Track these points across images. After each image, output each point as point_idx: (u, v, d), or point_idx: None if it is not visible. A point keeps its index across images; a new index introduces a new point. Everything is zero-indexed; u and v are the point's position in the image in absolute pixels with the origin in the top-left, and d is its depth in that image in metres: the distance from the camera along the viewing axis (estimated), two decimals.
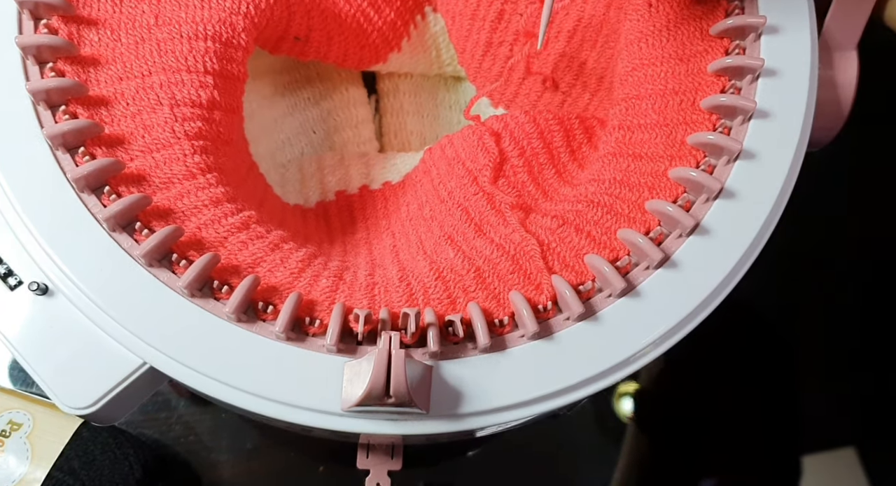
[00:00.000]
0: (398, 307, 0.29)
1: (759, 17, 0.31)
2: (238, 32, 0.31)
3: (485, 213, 0.33)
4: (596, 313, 0.28)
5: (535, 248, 0.30)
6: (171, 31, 0.30)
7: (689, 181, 0.30)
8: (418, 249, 0.34)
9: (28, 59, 0.28)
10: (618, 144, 0.32)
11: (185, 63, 0.30)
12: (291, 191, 0.46)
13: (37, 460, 0.39)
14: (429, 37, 0.48)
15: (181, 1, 0.31)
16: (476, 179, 0.35)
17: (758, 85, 0.31)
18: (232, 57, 0.31)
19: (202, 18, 0.30)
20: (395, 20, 0.44)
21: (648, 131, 0.32)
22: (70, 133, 0.27)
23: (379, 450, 0.31)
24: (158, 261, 0.28)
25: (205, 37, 0.30)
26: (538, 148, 0.36)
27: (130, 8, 0.30)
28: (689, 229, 0.29)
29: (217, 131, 0.31)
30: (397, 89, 0.51)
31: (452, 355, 0.28)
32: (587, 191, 0.32)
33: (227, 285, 0.28)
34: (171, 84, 0.29)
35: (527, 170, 0.35)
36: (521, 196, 0.34)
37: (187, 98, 0.29)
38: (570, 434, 0.49)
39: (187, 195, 0.29)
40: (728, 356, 0.52)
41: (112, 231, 0.28)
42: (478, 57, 0.44)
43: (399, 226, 0.39)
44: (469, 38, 0.44)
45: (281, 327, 0.26)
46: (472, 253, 0.31)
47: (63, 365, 0.27)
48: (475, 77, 0.46)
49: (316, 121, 0.49)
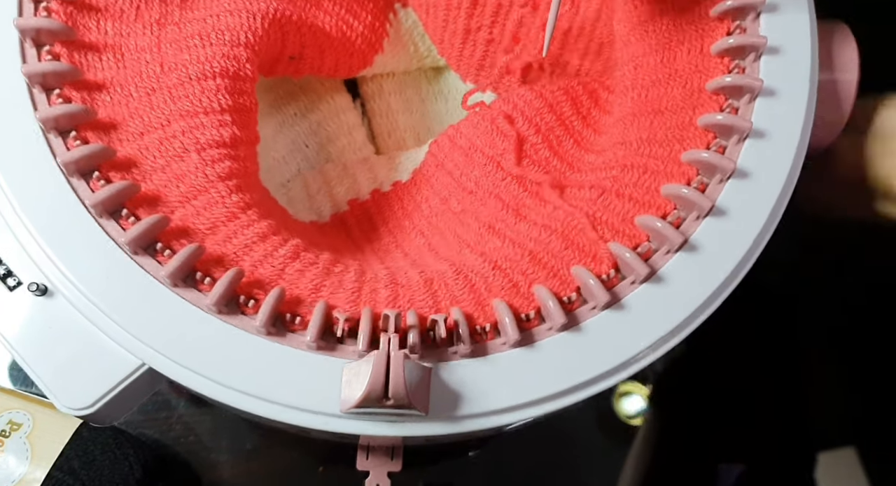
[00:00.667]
0: (461, 302, 0.29)
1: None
2: (243, 64, 0.31)
3: (519, 196, 0.33)
4: (657, 271, 0.29)
5: (583, 220, 0.30)
6: (179, 75, 0.29)
7: (718, 125, 0.30)
8: (459, 243, 0.34)
9: (50, 133, 0.27)
10: (635, 103, 0.32)
11: (201, 105, 0.29)
12: (301, 209, 0.46)
13: (37, 460, 0.39)
14: (404, 33, 0.48)
15: (182, 44, 0.30)
16: (500, 165, 0.35)
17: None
18: (242, 89, 0.31)
19: (206, 57, 0.30)
20: (372, 22, 0.44)
21: (663, 86, 0.32)
22: (108, 200, 0.27)
23: (379, 451, 0.31)
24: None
25: (213, 75, 0.30)
26: (552, 121, 0.36)
27: (134, 61, 0.29)
28: (728, 174, 0.30)
29: (244, 166, 0.31)
30: (382, 90, 0.50)
31: (451, 357, 0.28)
32: (617, 155, 0.32)
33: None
34: (193, 129, 0.29)
35: (547, 145, 0.35)
36: (549, 172, 0.34)
37: (211, 140, 0.29)
38: (570, 434, 0.49)
39: (235, 236, 0.28)
40: (743, 341, 0.52)
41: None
42: (457, 45, 0.44)
43: (426, 224, 0.39)
44: (446, 27, 0.44)
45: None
46: (519, 238, 0.31)
47: (62, 366, 0.27)
48: (458, 65, 0.46)
49: (307, 134, 0.49)
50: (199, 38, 0.30)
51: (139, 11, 0.30)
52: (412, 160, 0.46)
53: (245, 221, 0.29)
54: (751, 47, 0.31)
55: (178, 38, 0.30)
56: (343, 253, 0.38)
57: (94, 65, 0.29)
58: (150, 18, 0.31)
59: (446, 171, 0.40)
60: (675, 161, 0.30)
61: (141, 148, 0.28)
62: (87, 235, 0.27)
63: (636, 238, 0.30)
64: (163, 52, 0.30)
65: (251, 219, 0.29)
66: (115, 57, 0.29)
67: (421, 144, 0.49)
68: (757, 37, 0.31)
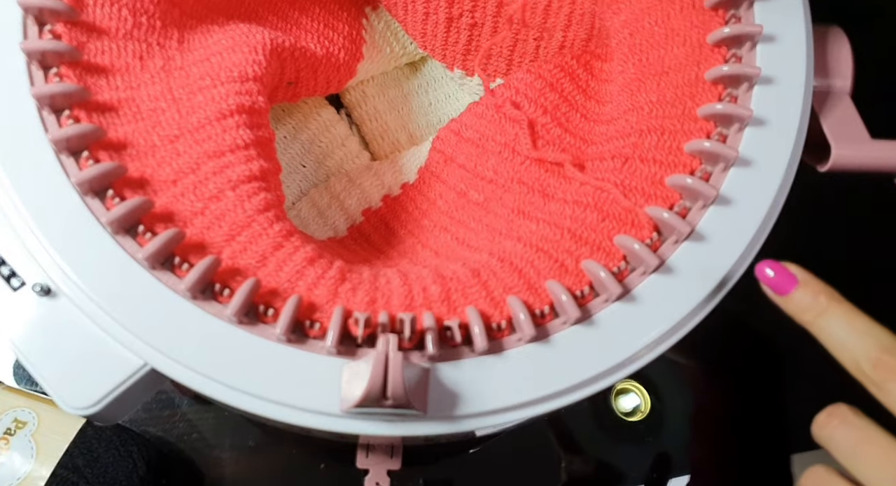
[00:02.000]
0: (515, 290, 0.30)
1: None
2: (255, 97, 0.31)
3: (542, 177, 0.34)
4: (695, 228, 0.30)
5: (614, 189, 0.31)
6: (199, 118, 0.30)
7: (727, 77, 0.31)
8: (491, 232, 0.35)
9: (87, 196, 0.27)
10: (638, 67, 0.33)
11: (226, 143, 0.30)
12: (315, 228, 0.46)
13: (42, 457, 0.40)
14: (378, 35, 0.48)
15: (193, 87, 0.30)
16: (515, 150, 0.35)
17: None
18: (259, 123, 0.31)
19: (221, 96, 0.30)
20: (350, 32, 0.44)
21: (663, 46, 0.32)
22: (159, 251, 0.27)
23: (378, 450, 0.31)
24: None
25: (230, 112, 0.30)
26: (556, 100, 0.36)
27: (151, 111, 0.29)
28: (746, 121, 0.30)
29: (277, 195, 0.31)
30: (365, 95, 0.51)
31: (450, 357, 0.28)
32: (630, 121, 0.32)
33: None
34: (223, 168, 0.29)
35: (557, 124, 0.36)
36: (566, 150, 0.35)
37: (243, 175, 0.29)
38: (569, 432, 0.50)
39: (285, 264, 0.29)
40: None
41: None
42: (441, 35, 0.45)
43: (447, 219, 0.40)
44: (427, 20, 0.44)
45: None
46: (552, 218, 0.32)
47: (65, 366, 0.27)
48: (443, 55, 0.46)
49: (302, 155, 0.49)
50: (210, 78, 0.30)
51: (143, 62, 0.30)
52: (415, 160, 0.46)
53: (290, 248, 0.29)
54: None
55: (188, 82, 0.31)
56: (373, 263, 0.38)
57: (112, 122, 0.29)
58: (155, 67, 0.31)
59: (457, 164, 0.40)
60: (691, 118, 0.31)
61: (176, 195, 0.29)
62: (77, 218, 0.27)
63: (669, 199, 0.30)
64: (177, 97, 0.30)
65: (295, 245, 0.29)
66: (132, 110, 0.29)
67: (414, 141, 0.50)
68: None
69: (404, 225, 0.43)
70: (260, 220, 0.29)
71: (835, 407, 0.24)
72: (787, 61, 0.31)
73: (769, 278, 0.26)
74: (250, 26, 0.34)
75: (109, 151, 0.28)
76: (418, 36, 0.46)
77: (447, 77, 0.51)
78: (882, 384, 0.22)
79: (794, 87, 0.31)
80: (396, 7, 0.45)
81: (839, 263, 0.55)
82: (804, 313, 0.25)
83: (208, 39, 0.33)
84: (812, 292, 0.25)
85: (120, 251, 0.27)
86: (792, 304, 0.25)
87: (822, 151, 0.34)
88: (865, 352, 0.23)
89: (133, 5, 0.31)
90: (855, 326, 0.24)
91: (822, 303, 0.25)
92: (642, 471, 0.49)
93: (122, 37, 0.30)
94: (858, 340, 0.23)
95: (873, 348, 0.23)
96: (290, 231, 0.30)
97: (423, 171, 0.45)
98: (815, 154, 0.34)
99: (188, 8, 0.33)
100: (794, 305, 0.25)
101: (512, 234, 0.33)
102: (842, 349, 0.24)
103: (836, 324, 0.24)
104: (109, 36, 0.30)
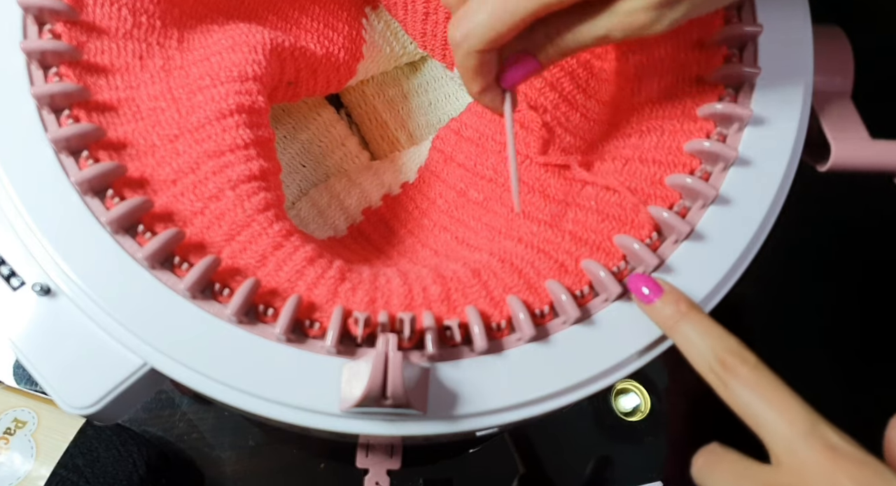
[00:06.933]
0: (515, 290, 0.30)
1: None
2: (255, 96, 0.31)
3: (542, 178, 0.34)
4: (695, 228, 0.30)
5: (624, 190, 0.31)
6: (198, 117, 0.30)
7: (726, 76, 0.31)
8: (491, 231, 0.35)
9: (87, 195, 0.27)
10: (637, 68, 0.33)
11: (225, 143, 0.30)
12: (315, 228, 0.46)
13: (42, 457, 0.40)
14: (378, 35, 0.48)
15: (193, 86, 0.30)
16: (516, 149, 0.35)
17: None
18: (259, 122, 0.31)
19: (220, 95, 0.30)
20: (350, 32, 0.44)
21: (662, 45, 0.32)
22: (158, 251, 0.27)
23: (378, 449, 0.31)
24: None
25: (230, 112, 0.30)
26: (556, 99, 0.36)
27: (150, 111, 0.29)
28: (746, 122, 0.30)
29: (277, 195, 0.31)
30: (365, 95, 0.51)
31: (450, 357, 0.28)
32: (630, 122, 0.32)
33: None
34: (223, 167, 0.29)
35: (558, 124, 0.36)
36: (566, 150, 0.35)
37: (242, 175, 0.29)
38: (569, 432, 0.50)
39: (284, 264, 0.29)
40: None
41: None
42: (441, 35, 0.45)
43: (447, 218, 0.40)
44: (427, 20, 0.44)
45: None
46: (553, 221, 0.32)
47: (65, 365, 0.27)
48: (443, 55, 0.46)
49: (301, 155, 0.49)
50: (210, 78, 0.30)
51: (143, 62, 0.30)
52: (415, 159, 0.46)
53: (290, 248, 0.29)
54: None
55: (188, 82, 0.31)
56: (372, 262, 0.38)
57: (112, 122, 0.29)
58: (154, 66, 0.31)
59: (457, 163, 0.40)
60: (691, 118, 0.31)
61: (176, 195, 0.29)
62: (76, 218, 0.27)
63: (669, 198, 0.30)
64: (176, 97, 0.30)
65: (295, 245, 0.29)
66: (132, 110, 0.29)
67: (414, 141, 0.50)
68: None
69: (404, 224, 0.43)
70: (260, 219, 0.29)
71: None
72: (787, 61, 0.31)
73: (640, 291, 0.28)
74: (250, 26, 0.34)
75: (109, 150, 0.28)
76: (418, 36, 0.46)
77: (447, 77, 0.51)
78: (727, 383, 0.24)
79: (795, 86, 0.31)
80: (396, 7, 0.45)
81: (839, 262, 0.56)
82: (667, 319, 0.27)
83: (208, 39, 0.33)
84: (673, 300, 0.27)
85: (120, 251, 0.28)
86: (656, 312, 0.27)
87: (822, 151, 0.34)
88: (714, 354, 0.25)
89: (133, 5, 0.31)
90: (708, 331, 0.26)
91: (682, 310, 0.26)
92: (642, 471, 0.49)
93: (122, 36, 0.30)
94: (709, 343, 0.25)
95: (721, 350, 0.25)
96: (290, 231, 0.30)
97: (423, 170, 0.45)
98: (815, 154, 0.34)
99: (188, 8, 0.33)
100: (658, 312, 0.27)
101: (512, 233, 0.33)
102: (696, 352, 0.25)
103: (691, 329, 0.26)
104: (109, 35, 0.30)
